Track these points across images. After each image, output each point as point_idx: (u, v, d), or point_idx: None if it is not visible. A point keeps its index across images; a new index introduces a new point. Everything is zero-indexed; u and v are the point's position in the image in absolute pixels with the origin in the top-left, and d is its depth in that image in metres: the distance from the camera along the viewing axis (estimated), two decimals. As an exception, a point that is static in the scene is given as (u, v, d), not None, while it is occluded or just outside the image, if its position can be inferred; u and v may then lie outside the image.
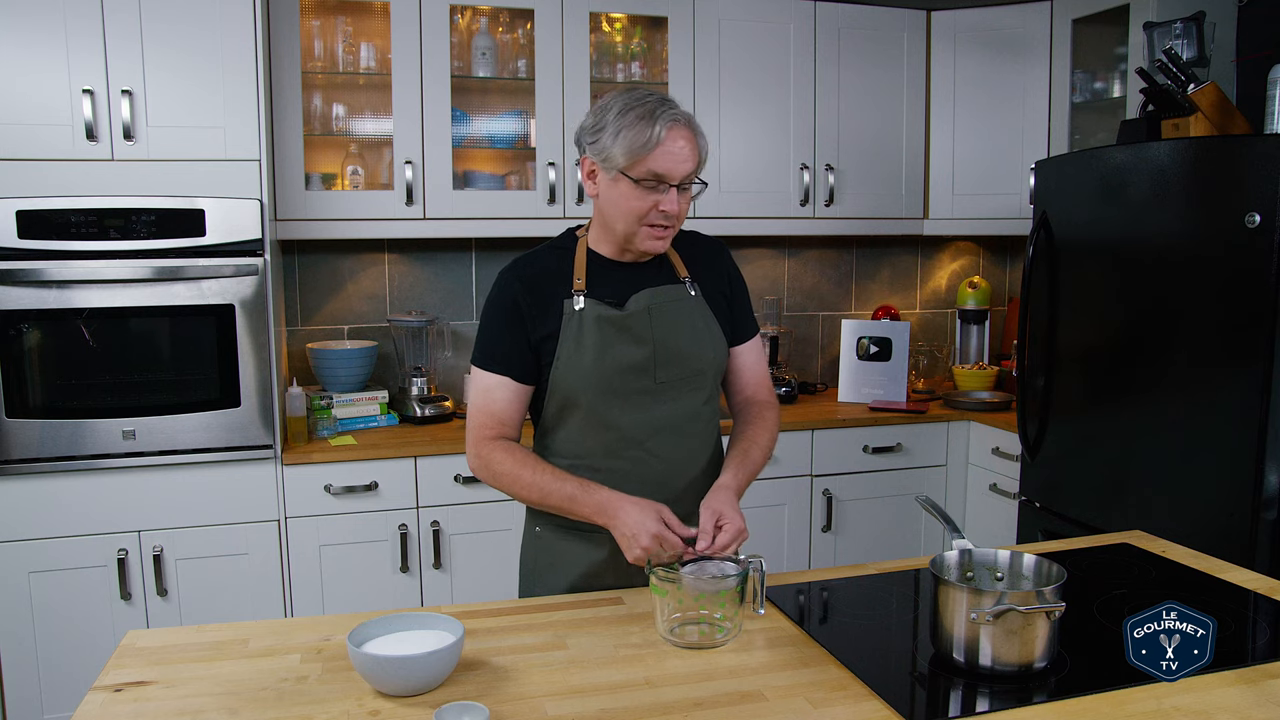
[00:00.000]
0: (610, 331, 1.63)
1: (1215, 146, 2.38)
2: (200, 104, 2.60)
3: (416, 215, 3.02)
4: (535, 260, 1.69)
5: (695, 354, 1.68)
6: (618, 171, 1.57)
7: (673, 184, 1.57)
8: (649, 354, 1.64)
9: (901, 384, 3.50)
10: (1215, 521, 2.33)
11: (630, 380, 1.63)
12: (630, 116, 1.55)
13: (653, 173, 1.55)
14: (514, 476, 1.61)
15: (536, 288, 1.65)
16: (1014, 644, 1.26)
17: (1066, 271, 2.78)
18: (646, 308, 1.65)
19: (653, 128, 1.53)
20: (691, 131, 1.58)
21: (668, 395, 1.66)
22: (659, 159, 1.54)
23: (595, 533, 1.64)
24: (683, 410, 1.68)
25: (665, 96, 1.60)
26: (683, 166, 1.57)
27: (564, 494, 1.57)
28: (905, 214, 3.55)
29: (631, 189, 1.57)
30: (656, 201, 1.57)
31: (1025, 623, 1.25)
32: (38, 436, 2.54)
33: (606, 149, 1.57)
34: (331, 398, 3.00)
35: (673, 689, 1.26)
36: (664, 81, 3.25)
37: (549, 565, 1.75)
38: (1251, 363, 2.24)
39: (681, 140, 1.56)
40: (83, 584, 2.61)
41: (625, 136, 1.54)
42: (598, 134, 1.58)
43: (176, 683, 1.28)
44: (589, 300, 1.63)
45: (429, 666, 1.23)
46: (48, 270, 2.50)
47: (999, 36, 3.43)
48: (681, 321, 1.68)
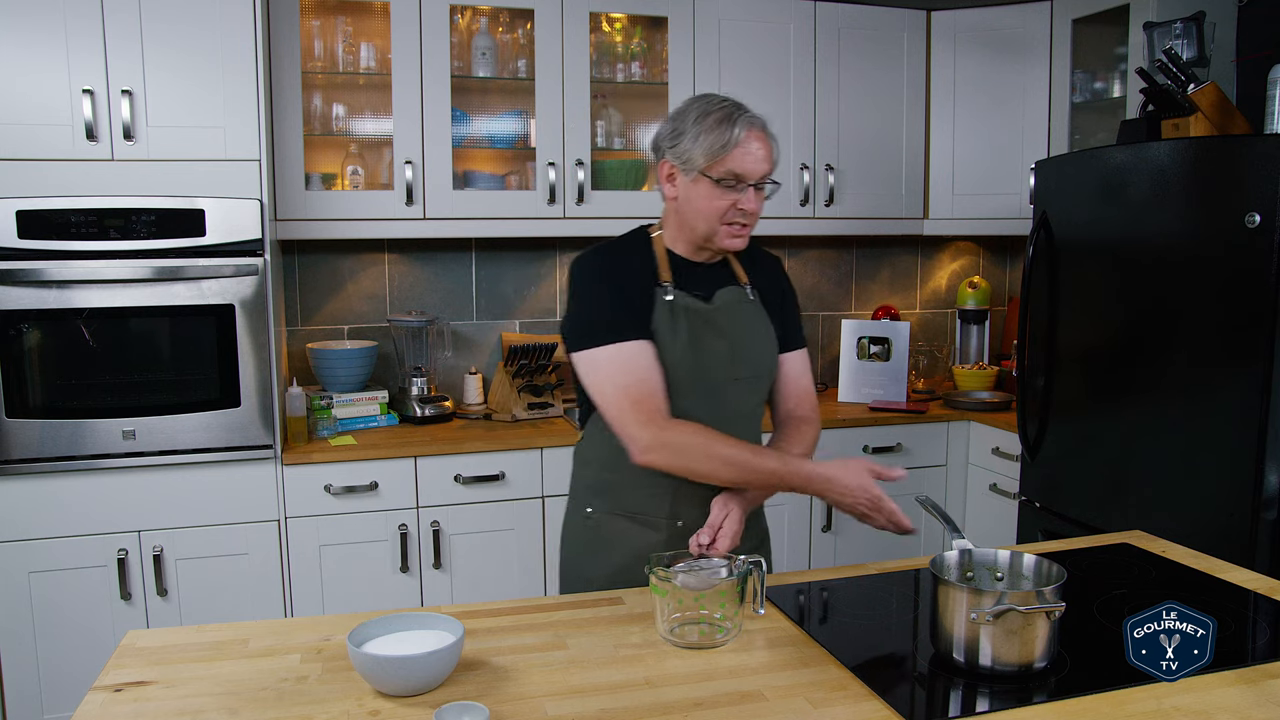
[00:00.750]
0: (698, 323, 1.69)
1: (1215, 146, 2.38)
2: (200, 104, 2.60)
3: (416, 215, 3.02)
4: (616, 248, 1.74)
5: (762, 355, 1.76)
6: (698, 172, 1.64)
7: (750, 183, 1.63)
8: (729, 349, 1.70)
9: (901, 384, 3.50)
10: (1215, 521, 2.33)
11: (711, 372, 1.69)
12: (710, 120, 1.62)
13: (732, 172, 1.62)
14: (706, 452, 1.57)
15: (621, 270, 1.69)
16: (1014, 644, 1.26)
17: (1066, 271, 2.78)
18: (730, 303, 1.73)
19: (732, 130, 1.61)
20: (765, 133, 1.66)
21: (737, 391, 1.73)
22: (738, 159, 1.61)
23: (651, 517, 1.70)
24: (746, 408, 1.75)
25: (739, 102, 1.67)
26: (760, 166, 1.64)
27: (767, 468, 1.59)
28: (905, 214, 3.55)
29: (711, 189, 1.63)
30: (735, 200, 1.64)
31: (1025, 623, 1.25)
32: (38, 436, 2.54)
33: (687, 151, 1.63)
34: (331, 398, 3.00)
35: (673, 689, 1.26)
36: (664, 81, 3.25)
37: (600, 546, 1.76)
38: (1251, 363, 2.24)
39: (757, 142, 1.63)
40: (83, 584, 2.61)
41: (705, 139, 1.61)
42: (677, 138, 1.65)
43: (176, 683, 1.28)
44: (677, 292, 1.69)
45: (429, 666, 1.23)
46: (48, 270, 2.50)
47: (999, 36, 3.43)
48: (753, 322, 1.75)
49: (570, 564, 1.82)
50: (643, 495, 1.72)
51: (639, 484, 1.71)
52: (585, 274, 1.69)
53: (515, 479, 2.90)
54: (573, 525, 1.83)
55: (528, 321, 3.50)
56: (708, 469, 1.59)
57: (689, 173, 1.65)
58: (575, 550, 1.81)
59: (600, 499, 1.76)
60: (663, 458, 1.59)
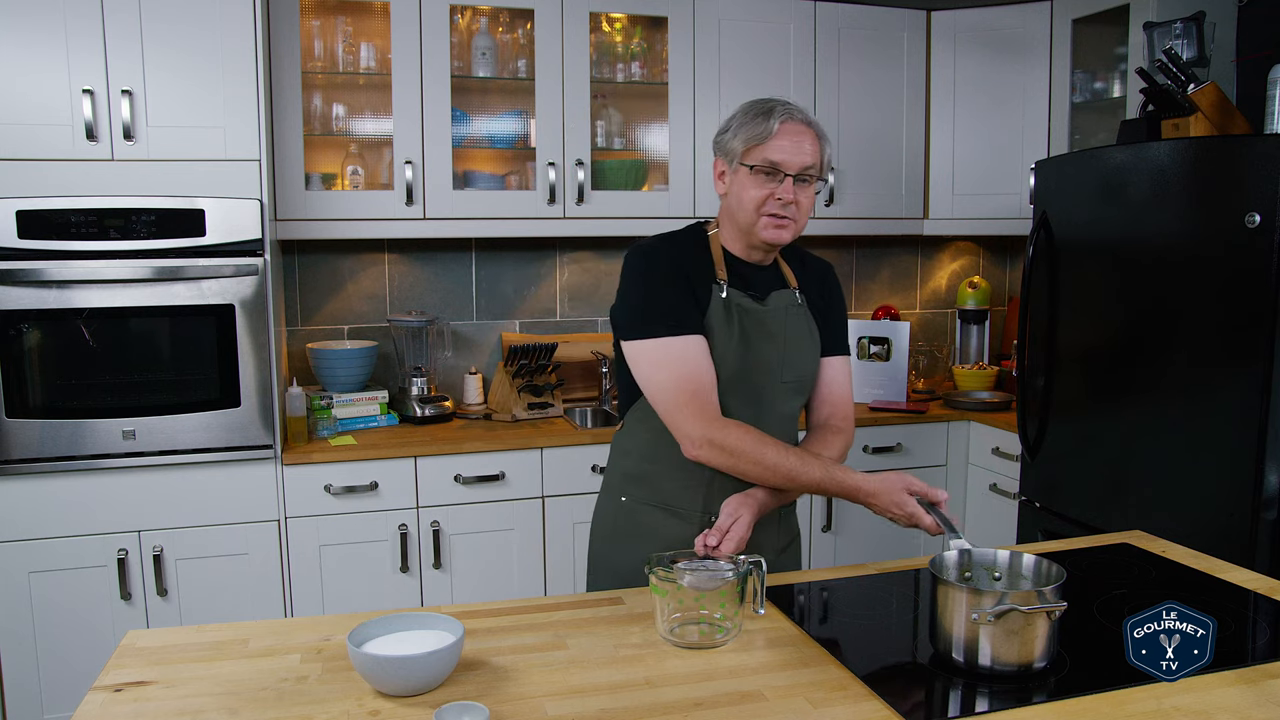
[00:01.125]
0: (751, 324, 1.69)
1: (1215, 146, 2.38)
2: (200, 104, 2.60)
3: (416, 215, 3.02)
4: (675, 240, 1.73)
5: (806, 361, 1.76)
6: (738, 162, 1.67)
7: (788, 173, 1.64)
8: (780, 352, 1.71)
9: (901, 384, 3.50)
10: (1215, 521, 2.33)
11: (759, 374, 1.70)
12: (750, 114, 1.66)
13: (768, 160, 1.64)
14: (756, 457, 1.59)
15: (680, 264, 1.68)
16: (1014, 644, 1.26)
17: (1066, 271, 2.78)
18: (785, 306, 1.73)
19: (769, 121, 1.64)
20: (809, 128, 1.66)
21: (780, 394, 1.73)
22: (773, 148, 1.63)
23: (685, 509, 1.72)
24: (787, 410, 1.76)
25: (789, 101, 1.69)
26: (797, 157, 1.64)
27: (812, 478, 1.59)
28: (905, 214, 3.55)
29: (749, 177, 1.65)
30: (772, 190, 1.64)
31: (1026, 623, 1.25)
32: (38, 436, 2.54)
33: (729, 143, 1.68)
34: (331, 398, 3.00)
35: (673, 689, 1.26)
36: (664, 81, 3.25)
37: (632, 536, 1.76)
38: (1251, 363, 2.24)
39: (795, 133, 1.64)
40: (83, 584, 2.61)
41: (744, 130, 1.65)
42: (723, 134, 1.70)
43: (176, 683, 1.28)
44: (732, 290, 1.69)
45: (429, 666, 1.23)
46: (48, 270, 2.50)
47: (999, 36, 3.43)
48: (800, 327, 1.75)
49: (600, 553, 1.83)
50: (678, 487, 1.73)
51: (675, 475, 1.72)
52: (644, 263, 1.68)
53: (515, 479, 2.90)
54: (605, 514, 1.83)
55: (528, 321, 3.50)
56: (756, 473, 1.61)
57: (732, 164, 1.68)
58: (606, 539, 1.82)
59: (636, 488, 1.77)
60: (713, 455, 1.60)
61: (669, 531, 1.73)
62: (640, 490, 1.77)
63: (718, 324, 1.66)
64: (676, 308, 1.63)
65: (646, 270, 1.67)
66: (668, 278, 1.65)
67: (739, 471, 1.62)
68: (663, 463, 1.71)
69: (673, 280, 1.65)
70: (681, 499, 1.73)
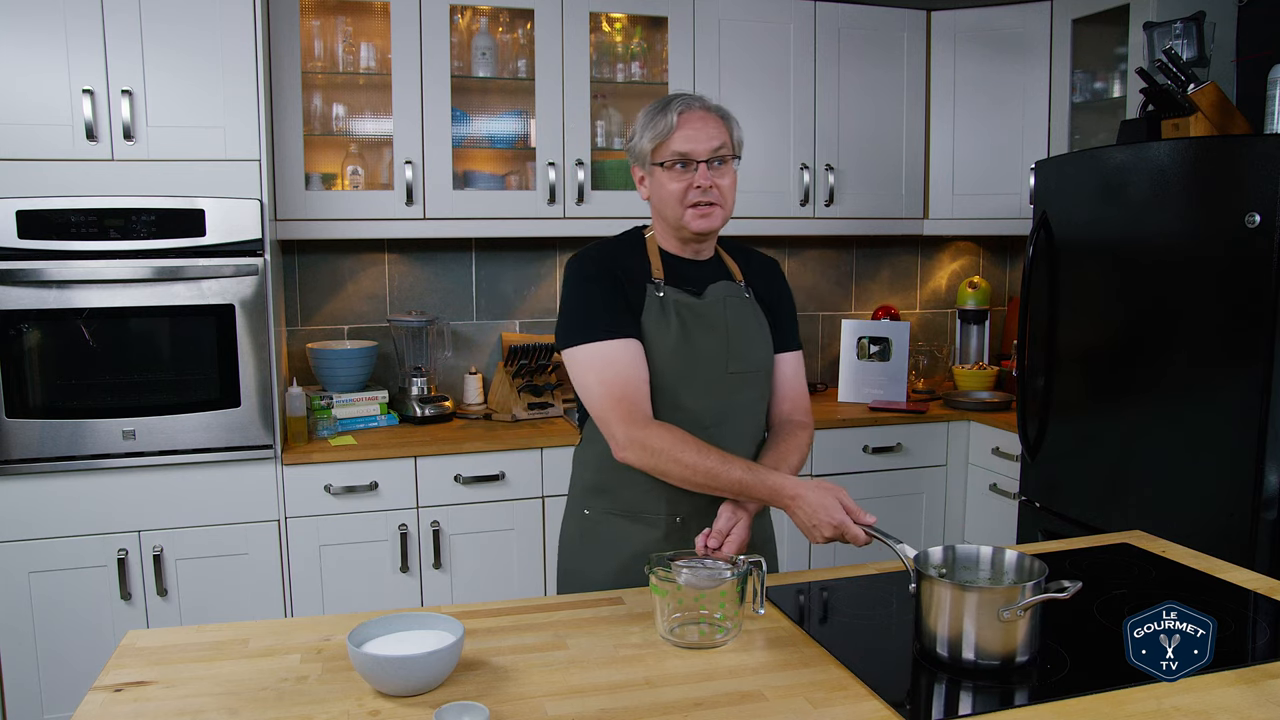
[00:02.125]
0: (690, 318, 1.70)
1: (1215, 146, 2.38)
2: (200, 104, 2.60)
3: (416, 215, 3.02)
4: (610, 247, 1.76)
5: (756, 350, 1.76)
6: (650, 163, 1.69)
7: (699, 160, 1.65)
8: (723, 343, 1.71)
9: (901, 384, 3.50)
10: (1215, 521, 2.33)
11: (705, 367, 1.70)
12: (651, 114, 1.69)
13: (676, 152, 1.66)
14: (675, 458, 1.57)
15: (615, 269, 1.70)
16: (997, 637, 1.27)
17: (1066, 271, 2.78)
18: (723, 298, 1.74)
19: (667, 115, 1.66)
20: (709, 112, 1.69)
21: (736, 385, 1.73)
22: (678, 139, 1.66)
23: (650, 514, 1.72)
24: (744, 402, 1.75)
25: (687, 93, 1.72)
26: (704, 143, 1.66)
27: (732, 478, 1.56)
28: (905, 214, 3.55)
29: (664, 174, 1.68)
30: (690, 180, 1.66)
31: (1014, 618, 1.26)
32: (38, 436, 2.54)
33: (638, 147, 1.71)
34: (331, 398, 3.00)
35: (673, 689, 1.26)
36: (664, 81, 3.25)
37: (599, 548, 1.76)
38: (1251, 363, 2.24)
39: (697, 120, 1.66)
40: (83, 584, 2.61)
41: (648, 130, 1.68)
42: (631, 140, 1.73)
43: (176, 683, 1.28)
44: (668, 288, 1.71)
45: (429, 666, 1.23)
46: (48, 270, 2.50)
47: (999, 36, 3.43)
48: (747, 318, 1.76)
49: (569, 569, 1.82)
50: (640, 493, 1.72)
51: (637, 482, 1.70)
52: (576, 272, 1.70)
53: (515, 479, 2.90)
54: (570, 528, 1.83)
55: (528, 321, 3.50)
56: (677, 472, 1.58)
57: (646, 166, 1.71)
58: (573, 553, 1.81)
59: (598, 499, 1.77)
60: (638, 456, 1.60)
61: (636, 539, 1.72)
62: (602, 501, 1.76)
63: (654, 323, 1.67)
64: (606, 312, 1.64)
65: (579, 278, 1.69)
66: (598, 283, 1.66)
67: (660, 472, 1.59)
68: (623, 470, 1.68)
69: (603, 285, 1.66)
70: (645, 504, 1.72)
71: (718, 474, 1.56)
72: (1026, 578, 1.36)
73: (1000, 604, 1.26)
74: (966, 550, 1.43)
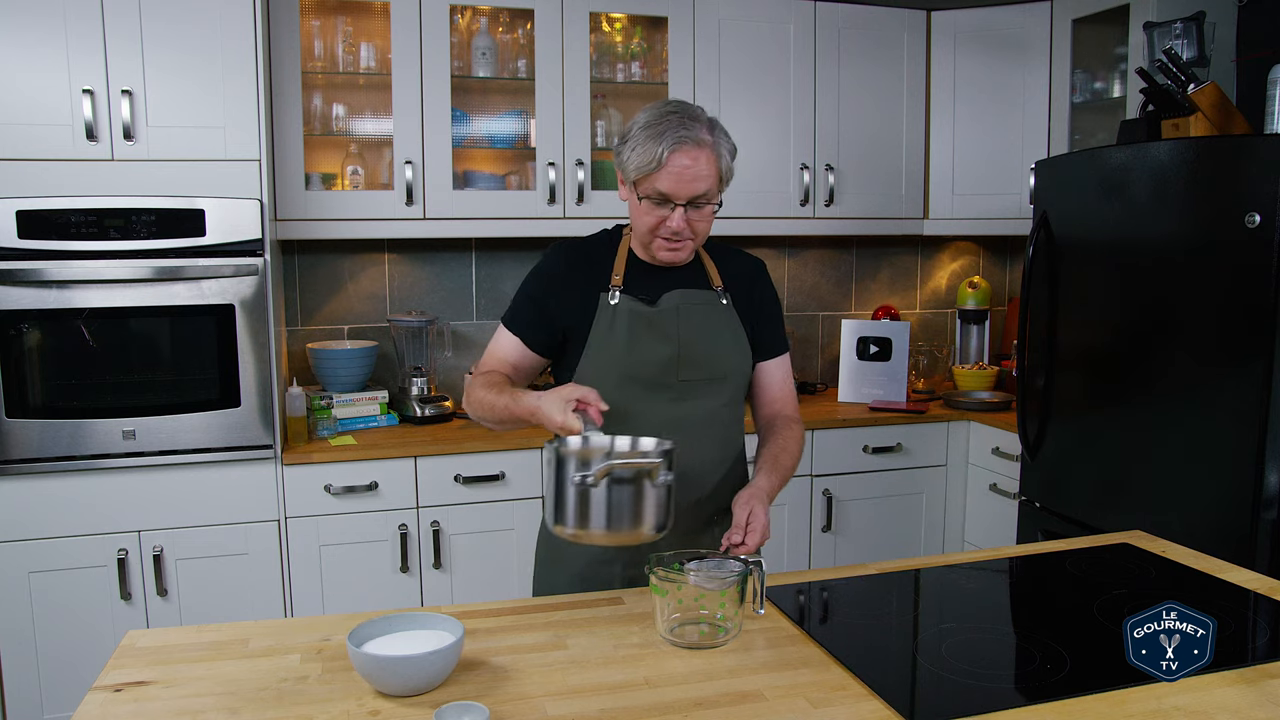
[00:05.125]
0: (640, 326, 1.68)
1: (1215, 146, 2.38)
2: (200, 104, 2.60)
3: (416, 215, 3.02)
4: (585, 246, 1.76)
5: (719, 358, 1.72)
6: (631, 186, 1.63)
7: (679, 203, 1.59)
8: (673, 352, 1.68)
9: (901, 384, 3.50)
10: (1215, 521, 2.33)
11: (653, 375, 1.68)
12: (645, 134, 1.58)
13: (658, 191, 1.59)
14: (477, 400, 1.63)
15: (579, 270, 1.71)
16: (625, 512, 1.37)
17: (1066, 271, 2.78)
18: (676, 306, 1.70)
19: (658, 147, 1.56)
20: (702, 149, 1.58)
21: (688, 395, 1.70)
22: (663, 179, 1.58)
23: None
24: (700, 411, 1.71)
25: (691, 112, 1.60)
26: (688, 187, 1.58)
27: (501, 404, 1.58)
28: (905, 214, 3.55)
29: (643, 203, 1.62)
30: (663, 218, 1.61)
31: (635, 492, 1.37)
32: (38, 436, 2.54)
33: (624, 161, 1.62)
34: (331, 398, 3.00)
35: (673, 689, 1.26)
36: (664, 81, 3.25)
37: (560, 556, 1.76)
38: (1252, 363, 2.24)
39: (688, 161, 1.56)
40: (83, 584, 2.61)
41: (636, 153, 1.59)
42: (621, 146, 1.64)
43: (176, 683, 1.28)
44: (624, 295, 1.69)
45: (429, 666, 1.23)
46: (48, 270, 2.50)
47: (999, 36, 3.43)
48: (709, 325, 1.72)
49: (540, 577, 1.82)
50: None
51: None
52: (540, 261, 1.75)
53: (515, 479, 2.90)
54: (540, 538, 1.84)
55: (528, 321, 3.49)
56: (475, 414, 1.65)
57: (627, 183, 1.65)
58: (540, 561, 1.83)
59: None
60: (468, 411, 1.67)
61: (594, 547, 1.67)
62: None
63: (604, 330, 1.67)
64: (522, 306, 1.73)
65: (535, 267, 1.75)
66: (538, 280, 1.73)
67: (475, 418, 1.66)
68: None
69: (541, 284, 1.72)
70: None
71: (494, 405, 1.59)
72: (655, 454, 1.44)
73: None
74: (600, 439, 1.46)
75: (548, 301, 1.70)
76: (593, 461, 1.38)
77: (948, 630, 1.46)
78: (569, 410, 1.45)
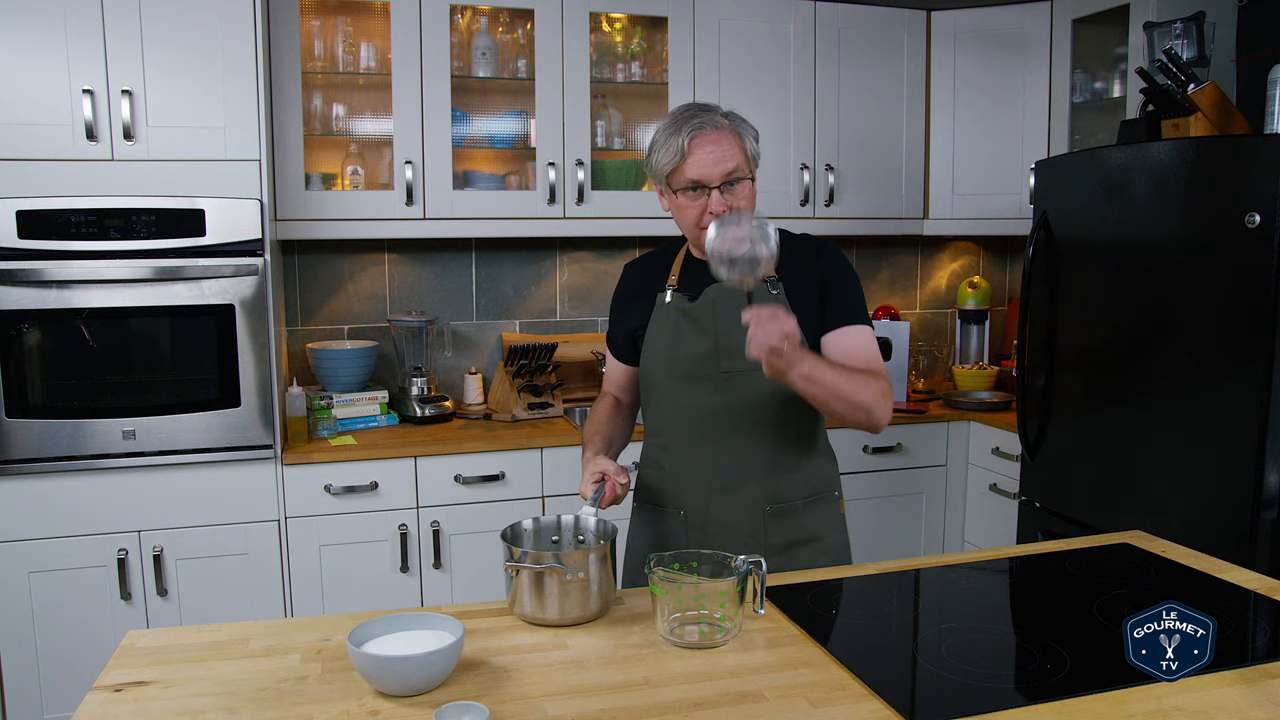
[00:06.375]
0: (683, 321, 1.77)
1: (1215, 146, 2.38)
2: (200, 104, 2.60)
3: (416, 215, 3.02)
4: (648, 259, 1.92)
5: None
6: (666, 186, 1.71)
7: (712, 186, 1.65)
8: (712, 344, 1.74)
9: (901, 384, 3.50)
10: (1215, 521, 2.33)
11: (696, 367, 1.75)
12: (665, 134, 1.67)
13: (689, 180, 1.66)
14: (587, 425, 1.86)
15: (642, 281, 1.87)
16: (544, 601, 1.43)
17: (1066, 271, 2.78)
18: (714, 299, 1.76)
19: (678, 139, 1.65)
20: (721, 132, 1.66)
21: (732, 385, 1.74)
22: (690, 166, 1.65)
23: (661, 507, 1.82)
24: (744, 401, 1.75)
25: (706, 106, 1.70)
26: (716, 168, 1.65)
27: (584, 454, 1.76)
28: (905, 214, 3.55)
29: (680, 199, 1.69)
30: (703, 207, 1.67)
31: (556, 584, 1.42)
32: (38, 436, 2.54)
33: (654, 166, 1.71)
34: (331, 398, 3.00)
35: (673, 689, 1.26)
36: (664, 81, 3.25)
37: (635, 535, 1.90)
38: (1252, 363, 2.24)
39: (710, 145, 1.65)
40: (83, 584, 2.61)
41: (660, 154, 1.68)
42: (648, 157, 1.73)
43: (176, 683, 1.28)
44: (674, 294, 1.80)
45: (429, 666, 1.23)
46: (48, 270, 2.50)
47: (999, 36, 3.43)
48: None
49: (628, 556, 1.93)
50: (655, 481, 1.84)
51: (653, 471, 1.85)
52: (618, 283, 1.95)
53: (515, 479, 2.90)
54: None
55: (528, 321, 3.50)
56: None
57: (663, 186, 1.73)
58: (629, 545, 1.94)
59: (639, 489, 1.91)
60: None
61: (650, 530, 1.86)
62: (638, 491, 1.92)
63: (657, 328, 1.80)
64: (611, 331, 1.94)
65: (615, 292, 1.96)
66: (613, 301, 1.94)
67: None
68: (649, 456, 1.88)
69: (614, 303, 1.94)
70: (660, 495, 1.84)
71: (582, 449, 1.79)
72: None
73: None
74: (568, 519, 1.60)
75: (622, 317, 1.89)
76: (523, 549, 1.50)
77: (948, 630, 1.46)
78: (588, 481, 1.62)
